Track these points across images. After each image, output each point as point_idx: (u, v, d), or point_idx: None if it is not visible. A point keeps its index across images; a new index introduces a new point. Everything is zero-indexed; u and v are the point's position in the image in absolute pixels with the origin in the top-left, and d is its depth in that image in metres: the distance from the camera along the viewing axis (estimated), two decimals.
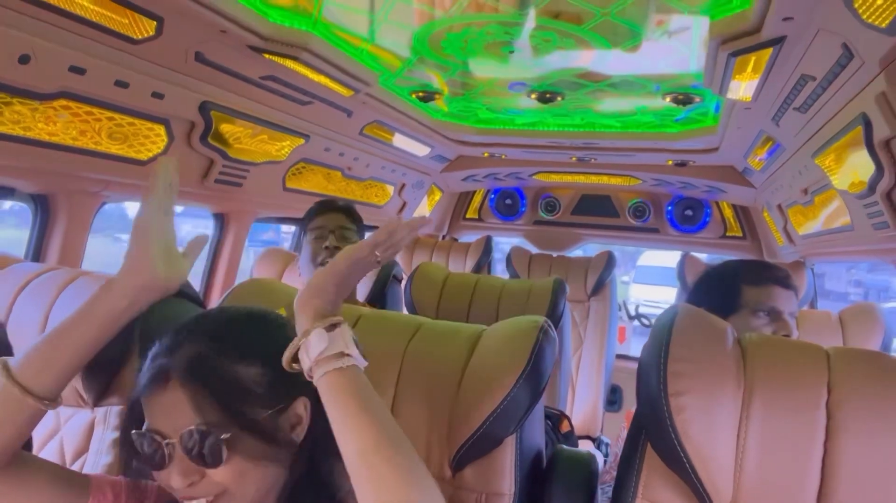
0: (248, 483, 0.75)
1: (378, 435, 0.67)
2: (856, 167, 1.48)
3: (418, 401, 0.98)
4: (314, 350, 0.71)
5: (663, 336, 0.86)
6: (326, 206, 1.83)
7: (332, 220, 1.79)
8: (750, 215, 3.49)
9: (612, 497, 0.94)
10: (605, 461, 3.00)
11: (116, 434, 1.22)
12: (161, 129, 1.76)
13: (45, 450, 1.27)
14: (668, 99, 2.12)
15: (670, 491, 0.87)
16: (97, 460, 1.21)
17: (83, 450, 1.26)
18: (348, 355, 0.71)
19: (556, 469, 1.02)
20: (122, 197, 1.84)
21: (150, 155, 1.78)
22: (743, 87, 1.63)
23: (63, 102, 1.50)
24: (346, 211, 1.83)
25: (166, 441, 0.73)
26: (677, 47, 1.70)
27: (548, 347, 0.98)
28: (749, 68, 1.46)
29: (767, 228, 3.23)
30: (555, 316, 1.98)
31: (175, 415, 0.73)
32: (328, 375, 0.70)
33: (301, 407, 0.79)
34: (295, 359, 0.74)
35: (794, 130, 1.81)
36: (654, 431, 0.86)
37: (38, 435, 1.26)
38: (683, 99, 2.08)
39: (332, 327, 0.72)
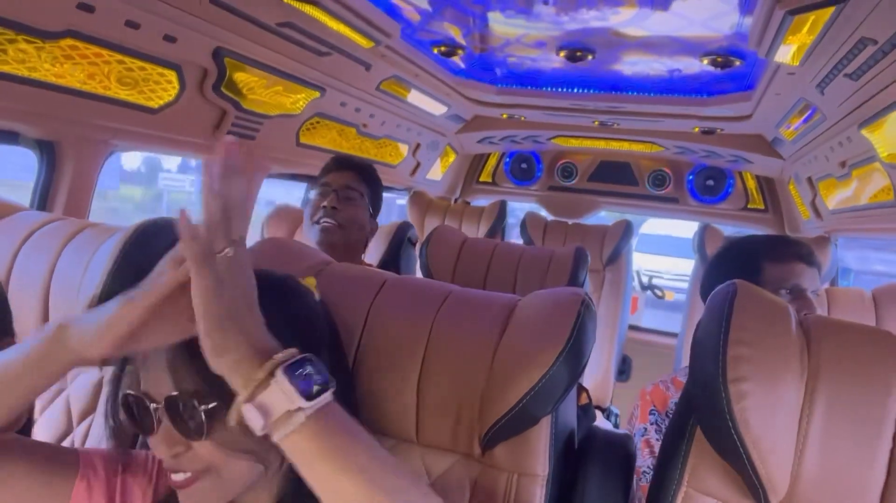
0: (233, 469, 0.68)
1: (362, 494, 0.56)
2: None
3: (447, 374, 0.91)
4: (255, 426, 0.56)
5: (722, 316, 0.79)
6: (340, 163, 1.74)
7: (340, 177, 1.70)
8: (774, 187, 3.38)
9: (652, 483, 0.89)
10: None
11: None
12: (173, 76, 1.67)
13: (51, 409, 1.23)
14: (706, 61, 2.01)
15: (719, 481, 0.81)
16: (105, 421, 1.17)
17: (90, 410, 1.22)
18: (299, 409, 0.56)
19: (592, 450, 0.96)
20: (130, 146, 1.76)
21: (161, 103, 1.69)
22: (792, 50, 1.53)
23: (70, 42, 1.41)
24: (359, 169, 1.74)
25: (153, 405, 0.66)
26: (722, 4, 1.59)
27: (589, 323, 0.91)
28: (805, 29, 1.36)
29: (792, 201, 3.13)
30: (575, 285, 1.91)
31: (162, 379, 0.66)
32: (284, 442, 0.57)
33: None
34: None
35: (840, 99, 1.71)
36: (708, 418, 0.80)
37: (43, 395, 1.21)
38: (723, 62, 1.97)
39: (265, 382, 0.56)
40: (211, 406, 0.64)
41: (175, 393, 0.65)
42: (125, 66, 1.55)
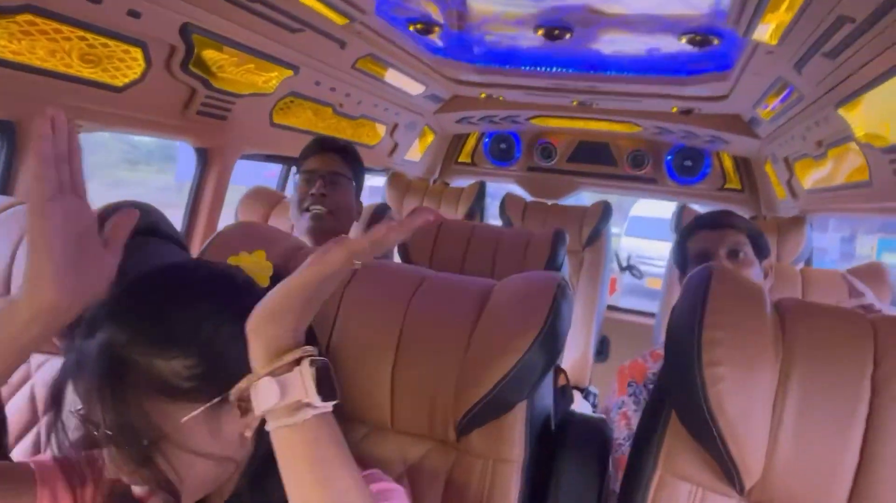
0: (197, 474, 0.65)
1: None
2: (888, 119, 1.39)
3: (422, 360, 0.90)
4: (263, 402, 0.56)
5: (697, 300, 0.79)
6: (322, 146, 1.70)
7: (326, 162, 1.66)
8: (751, 168, 3.40)
9: (627, 468, 0.89)
10: (593, 411, 3.02)
11: None
12: (138, 53, 1.61)
13: (16, 398, 1.19)
14: (684, 40, 1.99)
15: (694, 465, 0.81)
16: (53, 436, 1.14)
17: None
18: (307, 405, 0.56)
19: (567, 435, 0.96)
20: (95, 126, 1.70)
21: (126, 81, 1.63)
22: (771, 29, 1.52)
23: (28, 17, 1.34)
24: (343, 152, 1.70)
25: (95, 431, 0.63)
26: None
27: (565, 307, 0.90)
28: (783, 7, 1.34)
29: (768, 181, 3.15)
30: (554, 267, 1.90)
31: (97, 407, 0.62)
32: (280, 431, 0.56)
33: None
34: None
35: (818, 78, 1.70)
36: (683, 402, 0.79)
37: (8, 383, 1.18)
38: (701, 40, 1.95)
39: (289, 367, 0.57)
40: (154, 437, 0.62)
41: (107, 432, 0.61)
42: (87, 42, 1.49)
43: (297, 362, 0.57)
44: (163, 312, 0.65)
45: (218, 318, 0.66)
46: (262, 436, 0.65)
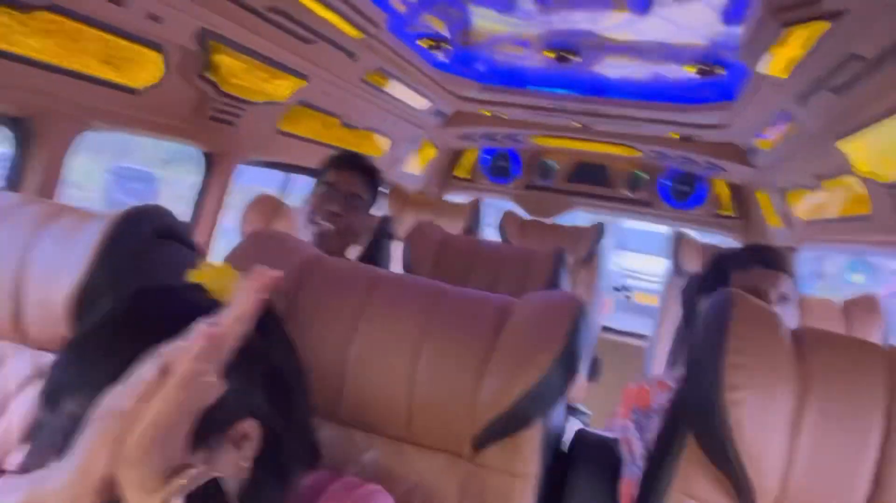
0: None
1: None
2: (889, 154, 1.42)
3: (440, 373, 0.90)
4: None
5: (720, 325, 0.80)
6: (345, 162, 1.67)
7: (349, 181, 1.63)
8: (745, 196, 3.46)
9: (641, 489, 0.90)
10: None
11: None
12: (155, 56, 1.61)
13: (21, 398, 1.18)
14: (691, 69, 2.03)
15: (709, 486, 0.82)
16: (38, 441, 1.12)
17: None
18: None
19: (580, 453, 0.97)
20: (107, 127, 1.70)
21: (142, 83, 1.64)
22: (782, 63, 1.55)
23: (50, 17, 1.35)
24: (368, 173, 1.68)
25: None
26: (711, 12, 1.61)
27: (583, 327, 0.91)
28: (796, 42, 1.38)
29: (760, 210, 3.20)
30: (554, 286, 1.92)
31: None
32: None
33: (246, 426, 0.62)
34: None
35: (820, 112, 1.75)
36: (702, 425, 0.80)
37: (14, 381, 1.16)
38: (708, 70, 2.00)
39: None
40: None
41: None
42: (106, 43, 1.49)
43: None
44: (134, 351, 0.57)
45: None
46: (259, 461, 0.63)
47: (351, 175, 1.65)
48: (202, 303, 0.64)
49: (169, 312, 0.63)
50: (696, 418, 0.82)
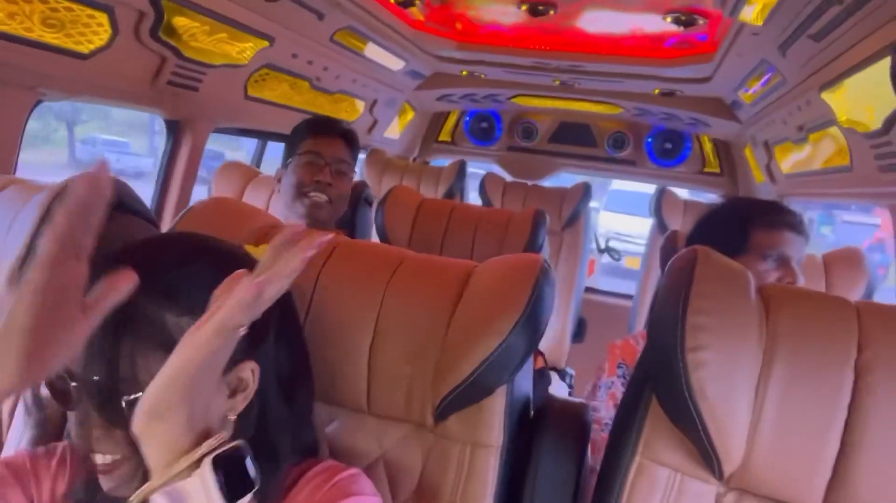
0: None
1: None
2: (871, 103, 1.38)
3: (400, 343, 0.87)
4: None
5: (682, 284, 0.77)
6: (324, 128, 1.61)
7: (330, 147, 1.57)
8: (730, 151, 3.41)
9: (606, 452, 0.87)
10: (570, 392, 3.03)
11: None
12: (104, 18, 1.53)
13: None
14: (669, 19, 1.96)
15: (674, 450, 0.80)
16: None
17: None
18: None
19: (546, 420, 0.94)
20: (60, 95, 1.63)
21: (92, 48, 1.55)
22: (757, 9, 1.49)
23: None
24: (347, 137, 1.62)
25: (73, 384, 0.60)
26: None
27: (548, 289, 0.87)
28: None
29: (747, 165, 3.16)
30: (534, 248, 1.88)
31: (85, 354, 0.58)
32: None
33: (247, 371, 0.64)
34: None
35: (801, 61, 1.69)
36: (664, 387, 0.78)
37: None
38: (686, 20, 1.93)
39: (189, 471, 0.50)
40: (133, 397, 0.57)
41: (95, 377, 0.58)
42: (49, 5, 1.41)
43: (198, 463, 0.50)
44: (180, 269, 0.63)
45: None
46: (244, 420, 0.64)
47: (332, 140, 1.59)
48: (204, 242, 0.69)
49: (224, 244, 0.70)
50: (658, 381, 0.80)
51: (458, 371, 0.83)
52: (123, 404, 0.58)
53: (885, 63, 1.25)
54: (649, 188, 3.53)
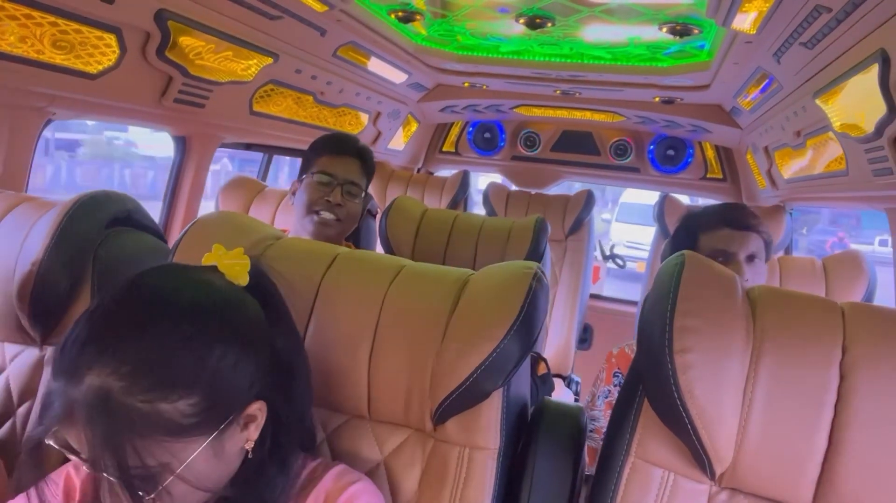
0: (196, 495, 0.65)
1: None
2: (863, 108, 1.40)
3: (399, 349, 0.90)
4: None
5: (669, 287, 0.79)
6: (341, 147, 1.62)
7: (345, 168, 1.58)
8: (732, 157, 3.43)
9: (601, 454, 0.89)
10: (575, 400, 3.04)
11: None
12: (112, 39, 1.58)
13: None
14: (664, 29, 1.99)
15: (666, 451, 0.82)
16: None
17: (32, 391, 1.17)
18: None
19: (543, 422, 0.96)
20: (69, 114, 1.67)
21: (100, 68, 1.60)
22: (749, 18, 1.52)
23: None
24: (363, 158, 1.63)
25: (86, 464, 0.60)
26: None
27: (541, 296, 0.90)
28: None
29: (749, 171, 3.18)
30: (536, 256, 1.91)
31: (95, 453, 0.59)
32: None
33: (254, 409, 0.67)
34: None
35: (796, 68, 1.71)
36: (654, 389, 0.80)
37: None
38: (681, 30, 1.96)
39: None
40: (154, 477, 0.60)
41: (105, 475, 0.59)
42: (59, 28, 1.46)
43: None
44: (161, 352, 0.61)
45: (217, 350, 0.63)
46: (259, 443, 0.68)
47: (349, 161, 1.60)
48: (215, 282, 0.70)
49: (187, 290, 0.67)
50: (649, 383, 0.82)
51: (455, 376, 0.85)
52: (146, 487, 0.60)
53: (875, 69, 1.27)
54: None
